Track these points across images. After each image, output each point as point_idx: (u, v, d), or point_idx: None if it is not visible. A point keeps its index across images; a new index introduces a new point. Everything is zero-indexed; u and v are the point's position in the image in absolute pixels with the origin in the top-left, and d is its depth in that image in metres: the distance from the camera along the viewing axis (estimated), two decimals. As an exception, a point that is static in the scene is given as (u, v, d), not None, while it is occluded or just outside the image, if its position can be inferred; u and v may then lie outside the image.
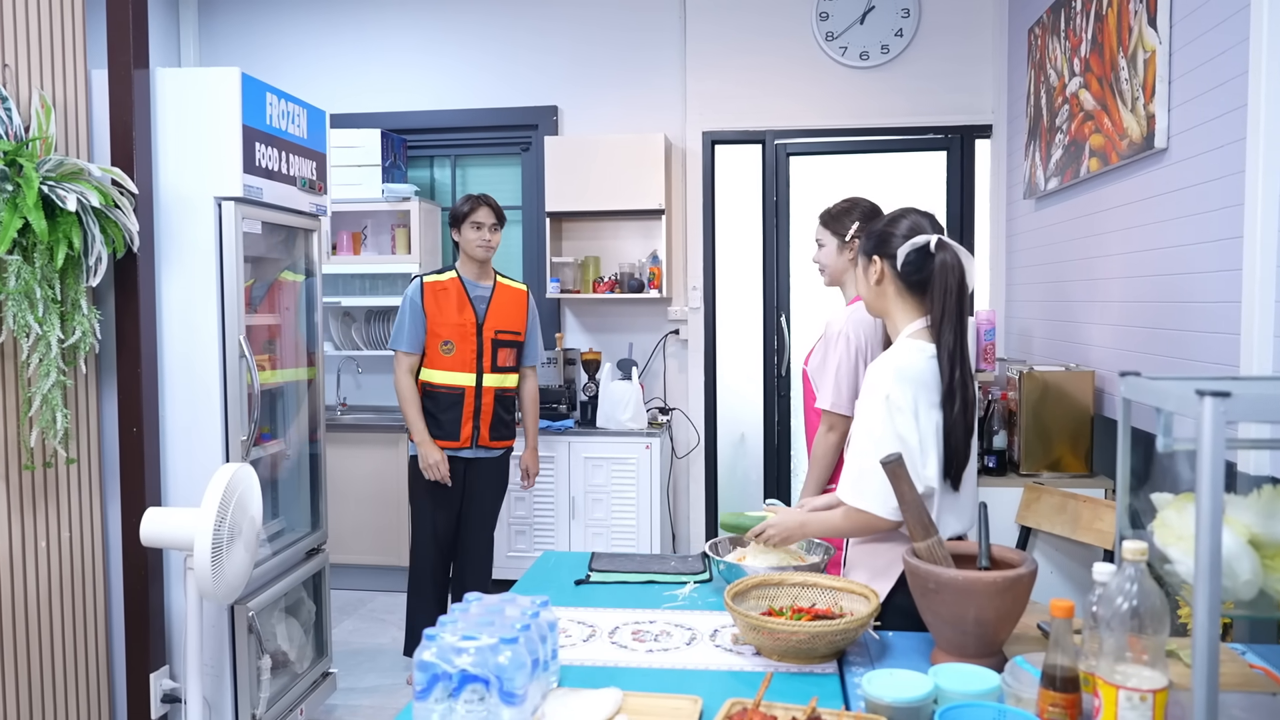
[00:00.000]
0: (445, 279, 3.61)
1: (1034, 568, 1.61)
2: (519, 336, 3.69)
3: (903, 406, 1.85)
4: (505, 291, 3.70)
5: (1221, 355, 2.43)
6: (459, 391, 3.56)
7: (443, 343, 3.55)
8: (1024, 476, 3.34)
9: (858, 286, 2.06)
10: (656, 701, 1.51)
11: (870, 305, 2.05)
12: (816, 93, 4.82)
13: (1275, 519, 1.22)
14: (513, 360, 3.68)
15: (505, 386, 3.66)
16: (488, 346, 3.59)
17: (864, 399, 1.93)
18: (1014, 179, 4.47)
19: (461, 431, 3.58)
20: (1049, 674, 1.31)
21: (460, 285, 3.61)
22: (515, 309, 3.69)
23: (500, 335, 3.62)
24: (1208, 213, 2.52)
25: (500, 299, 3.66)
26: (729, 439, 5.10)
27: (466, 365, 3.56)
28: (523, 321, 3.71)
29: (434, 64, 5.23)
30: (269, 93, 2.88)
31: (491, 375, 3.60)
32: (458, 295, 3.58)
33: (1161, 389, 1.30)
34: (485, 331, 3.58)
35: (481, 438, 3.61)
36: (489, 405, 3.60)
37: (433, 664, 1.42)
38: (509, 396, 3.70)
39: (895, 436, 1.84)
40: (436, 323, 3.56)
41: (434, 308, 3.56)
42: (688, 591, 2.13)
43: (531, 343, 3.77)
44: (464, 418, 3.57)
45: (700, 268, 4.97)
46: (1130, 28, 2.98)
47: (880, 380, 1.89)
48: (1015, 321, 4.50)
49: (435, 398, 3.57)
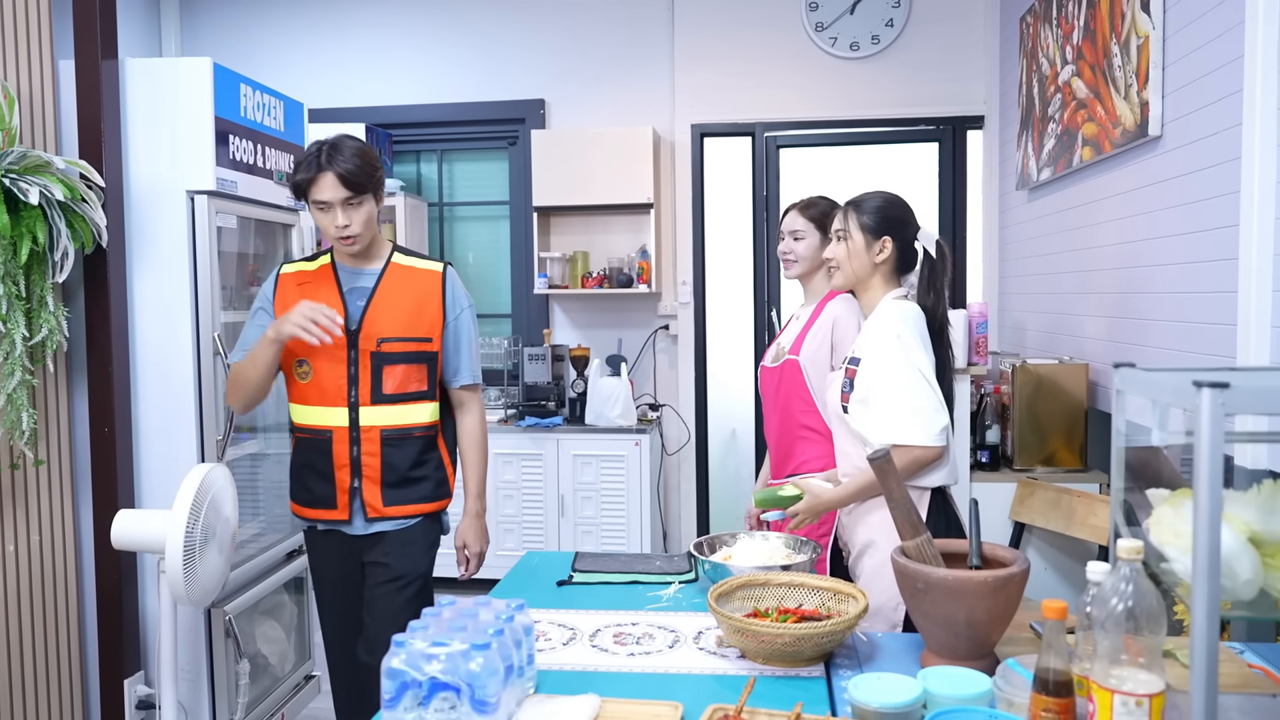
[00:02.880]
0: (314, 266, 2.41)
1: (1026, 567, 1.56)
2: (428, 345, 2.36)
3: (912, 342, 2.00)
4: (403, 277, 2.38)
5: (1218, 346, 2.38)
6: (324, 436, 2.32)
7: (296, 363, 2.33)
8: (1017, 471, 3.30)
9: (849, 260, 2.15)
10: (635, 708, 1.46)
11: (855, 276, 2.15)
12: (806, 84, 4.76)
13: (1276, 515, 1.17)
14: (419, 383, 2.36)
15: (404, 425, 2.34)
16: (366, 363, 2.30)
17: (872, 349, 2.05)
18: (1006, 170, 4.42)
19: (337, 494, 2.34)
20: (1041, 677, 1.26)
21: (333, 273, 2.37)
22: (419, 303, 2.36)
23: (390, 346, 2.31)
24: (1203, 201, 2.47)
25: (392, 289, 2.35)
26: (720, 435, 5.05)
27: (333, 394, 2.31)
28: (435, 321, 2.38)
29: (419, 57, 5.16)
30: (243, 84, 2.82)
31: (376, 408, 2.31)
32: (327, 288, 2.35)
33: (1157, 381, 1.24)
34: (362, 341, 2.30)
35: (370, 503, 2.33)
36: (374, 453, 2.32)
37: (401, 671, 1.36)
38: (417, 439, 2.36)
39: (913, 370, 1.98)
40: None
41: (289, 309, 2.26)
42: (672, 592, 2.08)
43: (457, 353, 2.44)
44: (336, 473, 2.33)
45: (690, 262, 4.91)
46: (1123, 13, 2.93)
47: (886, 326, 2.03)
48: (1008, 314, 4.45)
49: (300, 448, 2.40)
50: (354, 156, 2.25)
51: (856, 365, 2.09)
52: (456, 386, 2.47)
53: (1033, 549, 3.23)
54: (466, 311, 2.46)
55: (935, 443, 1.97)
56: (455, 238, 5.37)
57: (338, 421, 2.32)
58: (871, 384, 2.03)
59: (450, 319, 2.42)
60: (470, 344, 2.47)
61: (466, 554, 2.52)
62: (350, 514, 2.35)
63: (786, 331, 2.73)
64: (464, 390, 2.47)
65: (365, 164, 2.27)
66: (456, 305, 2.43)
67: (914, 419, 1.96)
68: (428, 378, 2.39)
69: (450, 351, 2.43)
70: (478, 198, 5.35)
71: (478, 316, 2.61)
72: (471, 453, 2.48)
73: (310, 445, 2.35)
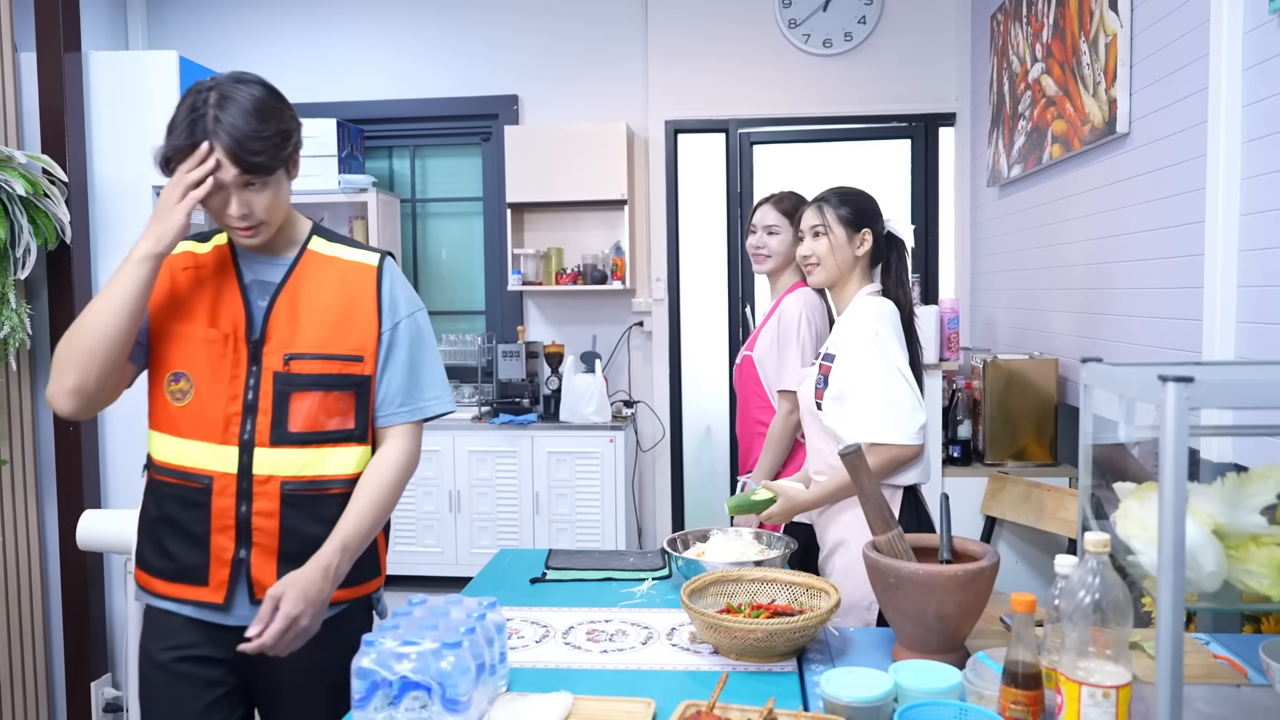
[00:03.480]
0: (206, 248, 1.70)
1: (996, 560, 1.57)
2: (356, 366, 1.68)
3: (889, 340, 2.00)
4: (324, 270, 1.70)
5: (1185, 341, 2.41)
6: (200, 483, 1.63)
7: (170, 377, 1.65)
8: (989, 466, 3.33)
9: (831, 255, 2.13)
10: (608, 705, 1.46)
11: (838, 271, 2.13)
12: (780, 81, 4.77)
13: (1239, 508, 1.19)
14: (341, 418, 1.68)
15: (317, 477, 1.66)
16: (268, 388, 1.63)
17: (849, 346, 2.04)
18: (978, 167, 4.45)
19: (211, 567, 1.63)
20: (1011, 671, 1.27)
21: (231, 260, 1.69)
22: (346, 307, 1.69)
23: (301, 365, 1.65)
24: (1169, 198, 2.50)
25: (309, 286, 1.69)
26: (694, 431, 5.05)
27: (219, 427, 1.63)
28: (367, 332, 1.69)
29: (391, 53, 5.12)
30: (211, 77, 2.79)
31: (278, 451, 1.63)
32: (217, 279, 1.67)
33: (1123, 375, 1.25)
34: (267, 354, 1.64)
35: (261, 582, 1.63)
36: (271, 513, 1.63)
37: (371, 671, 1.35)
38: (334, 497, 1.67)
39: (891, 368, 1.98)
40: (164, 334, 1.66)
41: (167, 303, 1.67)
42: (645, 589, 2.08)
43: (393, 378, 1.72)
44: (213, 537, 1.63)
45: (664, 258, 4.90)
46: (1091, 11, 2.96)
47: (863, 324, 2.03)
48: (980, 310, 4.48)
49: (159, 495, 1.67)
50: (253, 118, 1.52)
51: (831, 362, 2.08)
52: (383, 425, 1.72)
53: (1004, 543, 3.26)
54: (410, 320, 1.74)
55: (913, 441, 1.97)
56: (428, 234, 5.34)
57: (222, 465, 1.61)
58: (848, 381, 2.03)
59: (386, 329, 1.71)
60: (413, 366, 1.74)
61: (276, 610, 1.54)
62: (228, 597, 1.63)
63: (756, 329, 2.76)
64: (394, 430, 1.73)
65: (272, 129, 1.54)
66: (396, 309, 1.72)
67: (892, 417, 1.97)
68: (354, 412, 1.68)
69: (385, 376, 1.71)
70: (451, 194, 5.31)
71: (451, 314, 2.28)
72: (369, 489, 1.67)
73: (176, 495, 1.63)
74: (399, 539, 4.62)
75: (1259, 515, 1.18)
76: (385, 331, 1.72)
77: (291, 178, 1.67)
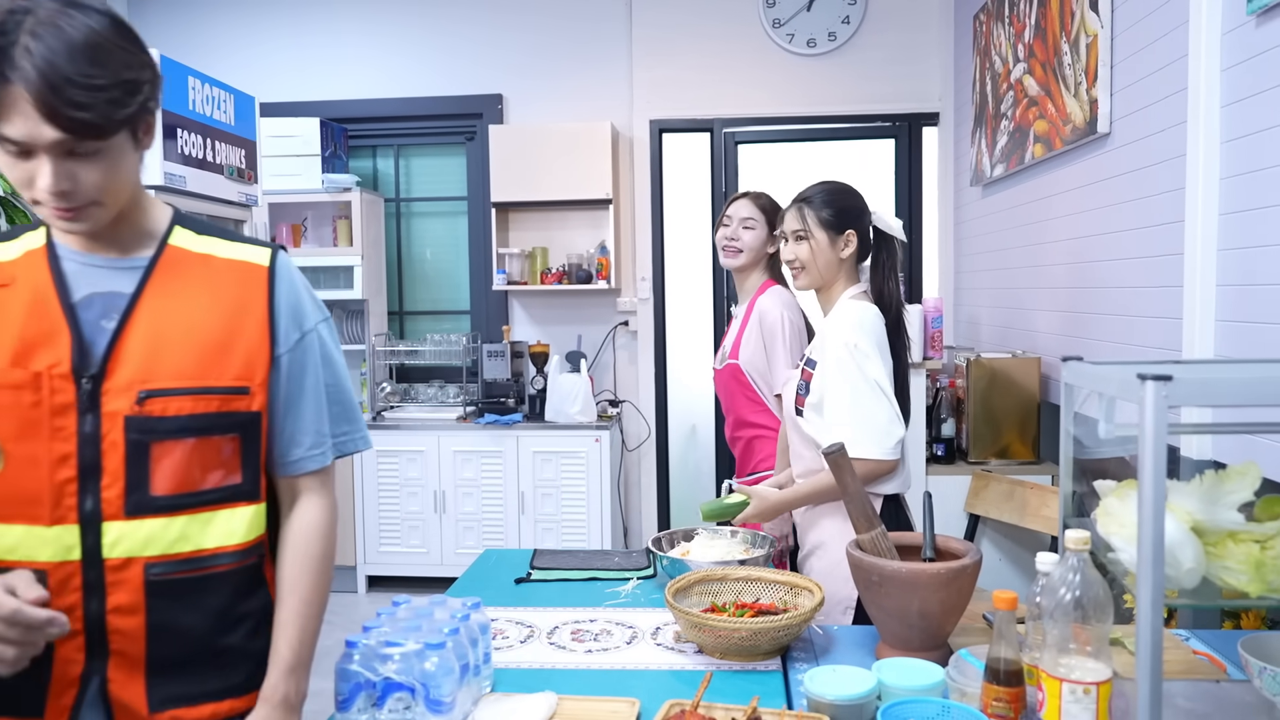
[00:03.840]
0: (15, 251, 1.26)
1: (978, 558, 1.58)
2: (240, 401, 1.27)
3: (868, 352, 1.94)
4: (192, 273, 1.28)
5: (1165, 340, 2.42)
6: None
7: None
8: (972, 464, 3.34)
9: (814, 260, 2.07)
10: (592, 705, 1.46)
11: (823, 276, 2.08)
12: (764, 80, 4.78)
13: (1217, 505, 1.20)
14: (223, 471, 1.28)
15: (194, 553, 1.25)
16: (115, 439, 1.20)
17: (827, 356, 1.99)
18: (961, 166, 4.47)
19: (49, 693, 1.20)
20: (992, 668, 1.28)
21: (47, 264, 1.24)
22: (225, 322, 1.28)
23: (163, 405, 1.22)
24: (1150, 197, 2.52)
25: (170, 297, 1.26)
26: (680, 431, 5.06)
27: (44, 500, 1.19)
28: (255, 354, 1.29)
29: (375, 51, 5.10)
30: (191, 76, 2.77)
31: (138, 523, 1.21)
32: (28, 296, 1.22)
33: (1103, 374, 1.26)
34: (109, 397, 1.20)
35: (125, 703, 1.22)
36: (134, 608, 1.22)
37: (355, 672, 1.35)
38: (222, 577, 1.28)
39: (869, 382, 1.93)
40: None
41: None
42: (630, 588, 2.08)
43: (297, 412, 1.34)
44: (55, 650, 1.19)
45: (649, 258, 4.91)
46: (1073, 12, 2.98)
47: (840, 334, 1.97)
48: (963, 309, 4.50)
49: None
50: (82, 56, 1.09)
51: (813, 368, 2.05)
52: (293, 473, 1.36)
53: (987, 540, 3.28)
54: (315, 334, 1.36)
55: (890, 456, 1.93)
56: (413, 234, 5.32)
57: (57, 552, 1.19)
58: (825, 392, 1.99)
59: (284, 348, 1.32)
60: (325, 392, 1.37)
61: None
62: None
63: (730, 333, 2.73)
64: (307, 479, 1.37)
65: (109, 75, 1.11)
66: (299, 321, 1.34)
67: (869, 432, 1.92)
68: (241, 461, 1.29)
69: (283, 409, 1.33)
70: (436, 193, 5.30)
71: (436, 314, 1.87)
72: (299, 577, 1.34)
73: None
74: (383, 539, 4.61)
75: (1236, 512, 1.20)
76: (282, 353, 1.31)
77: (142, 147, 1.22)
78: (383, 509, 4.60)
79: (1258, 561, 1.15)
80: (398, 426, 4.62)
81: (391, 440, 4.59)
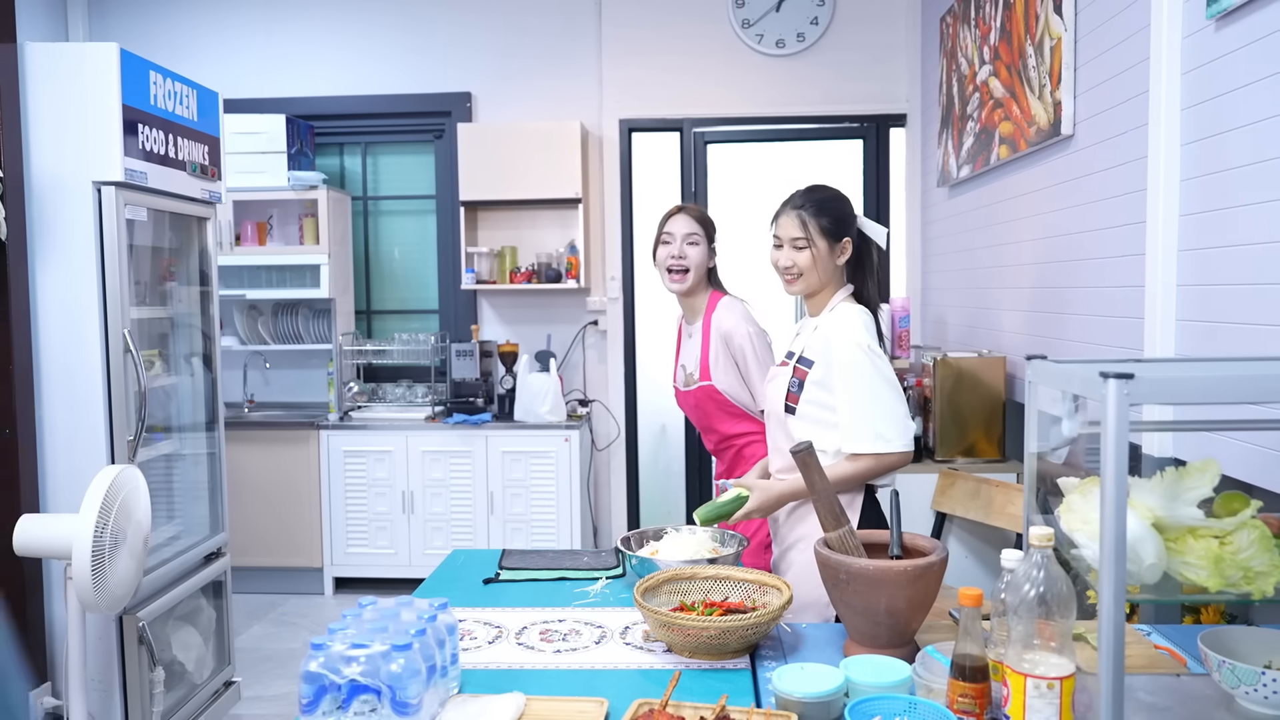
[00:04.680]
0: None
1: (944, 555, 1.59)
2: None
3: (879, 352, 2.02)
4: None
5: (1127, 339, 2.46)
6: None
7: None
8: (939, 463, 3.37)
9: (814, 267, 2.07)
10: (561, 705, 1.45)
11: (820, 282, 2.09)
12: (733, 80, 4.79)
13: (1178, 501, 1.21)
14: None
15: None
16: None
17: (836, 355, 2.01)
18: (928, 167, 4.51)
19: None
20: (958, 664, 1.29)
21: None
22: None
23: None
24: (1112, 198, 2.55)
25: None
26: (650, 430, 5.06)
27: None
28: None
29: (343, 48, 5.05)
30: (153, 71, 2.72)
31: None
32: None
33: (1066, 372, 1.28)
34: None
35: None
36: None
37: (320, 675, 1.33)
38: None
39: (885, 378, 1.99)
40: None
41: None
42: (599, 588, 2.07)
43: None
44: None
45: (618, 257, 4.90)
46: (1037, 15, 3.01)
47: (850, 334, 2.01)
48: (930, 309, 4.54)
49: None
50: None
51: (808, 367, 2.05)
52: None
53: (954, 538, 3.31)
54: None
55: (909, 448, 2.01)
56: (380, 232, 5.28)
57: None
58: (842, 390, 2.00)
59: None
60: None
61: None
62: None
63: (686, 351, 2.69)
64: None
65: None
66: None
67: (893, 426, 1.98)
68: None
69: None
70: (404, 192, 5.26)
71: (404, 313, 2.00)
72: None
73: None
74: (350, 541, 4.56)
75: (1196, 508, 1.21)
76: None
77: None
78: (350, 510, 4.55)
79: (1216, 557, 1.17)
80: (365, 427, 4.57)
81: (359, 440, 4.55)
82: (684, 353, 2.69)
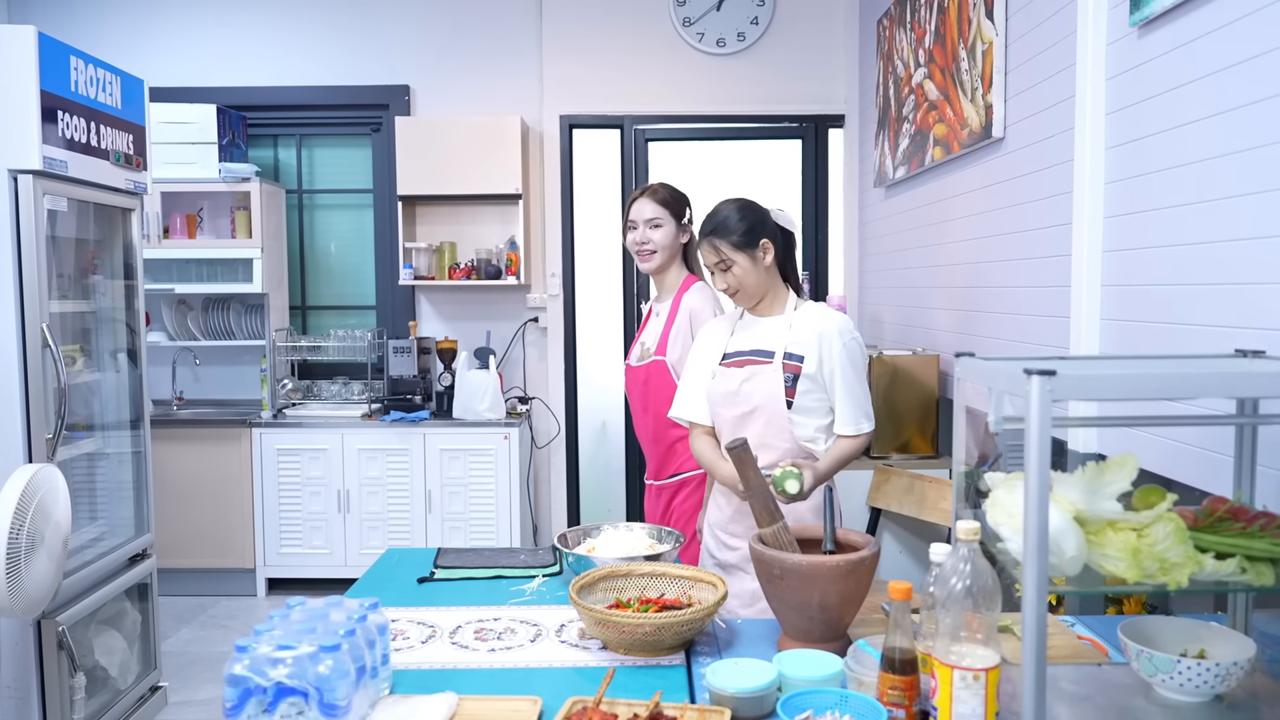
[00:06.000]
0: None
1: (876, 550, 1.62)
2: None
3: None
4: None
5: (1053, 338, 2.52)
6: None
7: None
8: (874, 459, 3.42)
9: (745, 280, 2.15)
10: (494, 704, 1.44)
11: (760, 289, 2.18)
12: (675, 78, 4.80)
13: (1098, 495, 1.25)
14: None
15: None
16: None
17: (833, 351, 2.11)
18: (865, 168, 4.57)
19: None
20: (888, 657, 1.30)
21: None
22: None
23: None
24: (1040, 200, 2.61)
25: None
26: (590, 427, 5.05)
27: None
28: None
29: (278, 38, 4.94)
30: (74, 55, 2.62)
31: None
32: None
33: (993, 369, 1.30)
34: None
35: None
36: None
37: (244, 678, 1.30)
38: None
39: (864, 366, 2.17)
40: None
41: None
42: (536, 586, 2.06)
43: None
44: None
45: (559, 254, 4.88)
46: (970, 19, 3.07)
47: (842, 326, 2.14)
48: (867, 307, 4.61)
49: None
50: None
51: (799, 362, 2.12)
52: None
53: (889, 533, 3.36)
54: None
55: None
56: (316, 227, 5.18)
57: None
58: (839, 379, 2.12)
59: None
60: None
61: None
62: None
63: (648, 329, 2.69)
64: None
65: None
66: None
67: (870, 408, 2.18)
68: None
69: None
70: (340, 185, 5.16)
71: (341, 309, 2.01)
72: None
73: None
74: (284, 541, 4.47)
75: (1115, 502, 1.25)
76: None
77: None
78: (284, 509, 4.46)
79: (1134, 549, 1.20)
80: (299, 424, 4.48)
81: (293, 438, 4.46)
82: (647, 330, 2.68)
